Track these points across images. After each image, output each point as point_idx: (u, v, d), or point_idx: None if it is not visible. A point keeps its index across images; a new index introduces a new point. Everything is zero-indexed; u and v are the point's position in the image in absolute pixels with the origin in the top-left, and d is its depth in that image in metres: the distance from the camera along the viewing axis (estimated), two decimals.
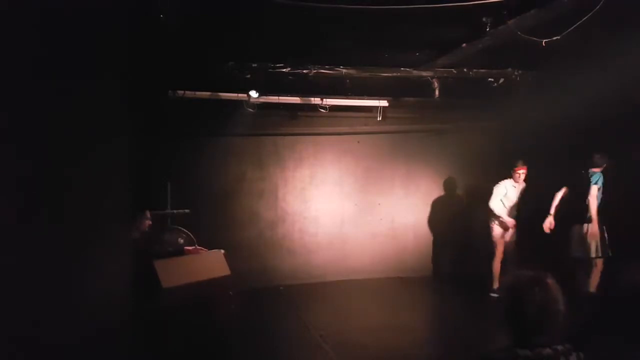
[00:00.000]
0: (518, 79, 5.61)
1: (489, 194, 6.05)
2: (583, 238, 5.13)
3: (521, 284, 1.68)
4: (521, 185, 5.93)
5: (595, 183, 5.12)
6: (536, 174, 5.84)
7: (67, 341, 2.04)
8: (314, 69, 5.14)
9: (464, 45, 4.54)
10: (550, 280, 1.63)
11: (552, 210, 5.43)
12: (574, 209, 5.24)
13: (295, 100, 6.23)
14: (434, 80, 5.62)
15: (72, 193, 2.11)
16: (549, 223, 5.40)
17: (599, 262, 5.13)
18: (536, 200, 5.80)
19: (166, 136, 6.01)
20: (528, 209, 5.92)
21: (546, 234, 5.39)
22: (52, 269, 1.96)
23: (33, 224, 1.85)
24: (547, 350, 1.54)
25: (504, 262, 6.00)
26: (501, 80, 5.66)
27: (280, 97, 6.10)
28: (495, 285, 5.93)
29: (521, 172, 5.82)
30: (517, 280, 1.74)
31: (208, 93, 5.86)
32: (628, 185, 4.98)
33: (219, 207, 6.58)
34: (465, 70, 5.45)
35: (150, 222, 4.48)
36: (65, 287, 2.08)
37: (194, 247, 4.96)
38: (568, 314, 1.59)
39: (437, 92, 5.70)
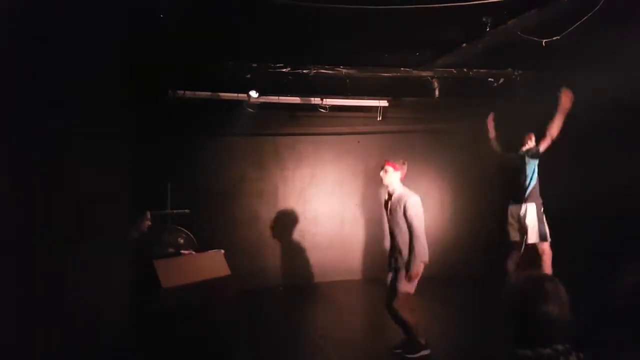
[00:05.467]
0: (518, 79, 5.61)
1: (490, 193, 5.97)
2: (521, 221, 4.90)
3: (523, 285, 1.68)
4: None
5: (532, 157, 4.90)
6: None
7: (66, 342, 2.04)
8: (314, 69, 5.14)
9: (464, 45, 4.54)
10: (552, 281, 1.62)
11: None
12: (509, 188, 5.06)
13: (295, 100, 6.23)
14: (434, 80, 5.62)
15: (73, 193, 2.11)
16: None
17: (546, 248, 4.89)
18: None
19: (166, 136, 6.01)
20: None
21: None
22: (52, 270, 1.96)
23: (33, 224, 1.85)
24: (547, 351, 1.54)
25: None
26: (501, 80, 5.66)
27: (280, 97, 6.10)
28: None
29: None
30: (518, 280, 1.75)
31: (208, 93, 5.86)
32: (628, 186, 4.97)
33: (219, 207, 6.58)
34: (465, 70, 5.45)
35: (150, 223, 4.48)
36: (65, 288, 2.08)
37: (189, 251, 4.94)
38: (569, 315, 1.58)
39: (437, 92, 5.70)
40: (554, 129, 4.81)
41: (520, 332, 1.60)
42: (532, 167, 4.99)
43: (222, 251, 4.68)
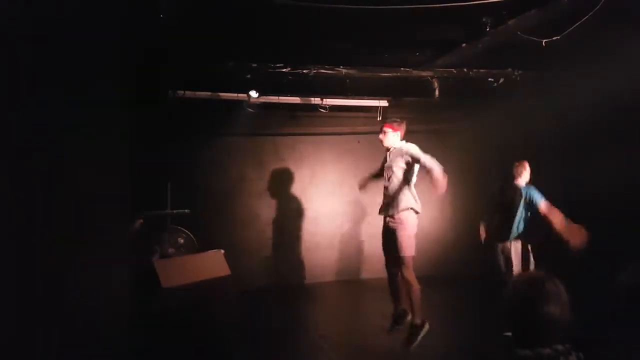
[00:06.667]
0: (518, 79, 5.61)
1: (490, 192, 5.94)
2: (506, 256, 4.83)
3: (523, 285, 1.68)
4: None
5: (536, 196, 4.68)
6: (535, 174, 5.82)
7: (66, 342, 2.04)
8: (314, 69, 5.13)
9: (464, 45, 4.54)
10: (552, 282, 1.62)
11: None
12: (498, 223, 4.97)
13: (295, 100, 6.23)
14: (434, 80, 5.62)
15: (73, 193, 2.11)
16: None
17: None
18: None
19: (166, 136, 6.01)
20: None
21: None
22: (52, 270, 1.96)
23: (32, 224, 1.85)
24: (547, 350, 1.54)
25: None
26: (501, 80, 5.65)
27: (280, 97, 6.10)
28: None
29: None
30: (518, 280, 1.75)
31: (208, 93, 5.86)
32: (627, 186, 4.97)
33: (219, 207, 6.59)
34: (465, 70, 5.44)
35: (142, 221, 4.48)
36: (65, 287, 2.08)
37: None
38: (569, 315, 1.58)
39: (437, 92, 5.70)
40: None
41: (520, 332, 1.61)
42: (521, 206, 4.80)
43: (222, 251, 4.68)
